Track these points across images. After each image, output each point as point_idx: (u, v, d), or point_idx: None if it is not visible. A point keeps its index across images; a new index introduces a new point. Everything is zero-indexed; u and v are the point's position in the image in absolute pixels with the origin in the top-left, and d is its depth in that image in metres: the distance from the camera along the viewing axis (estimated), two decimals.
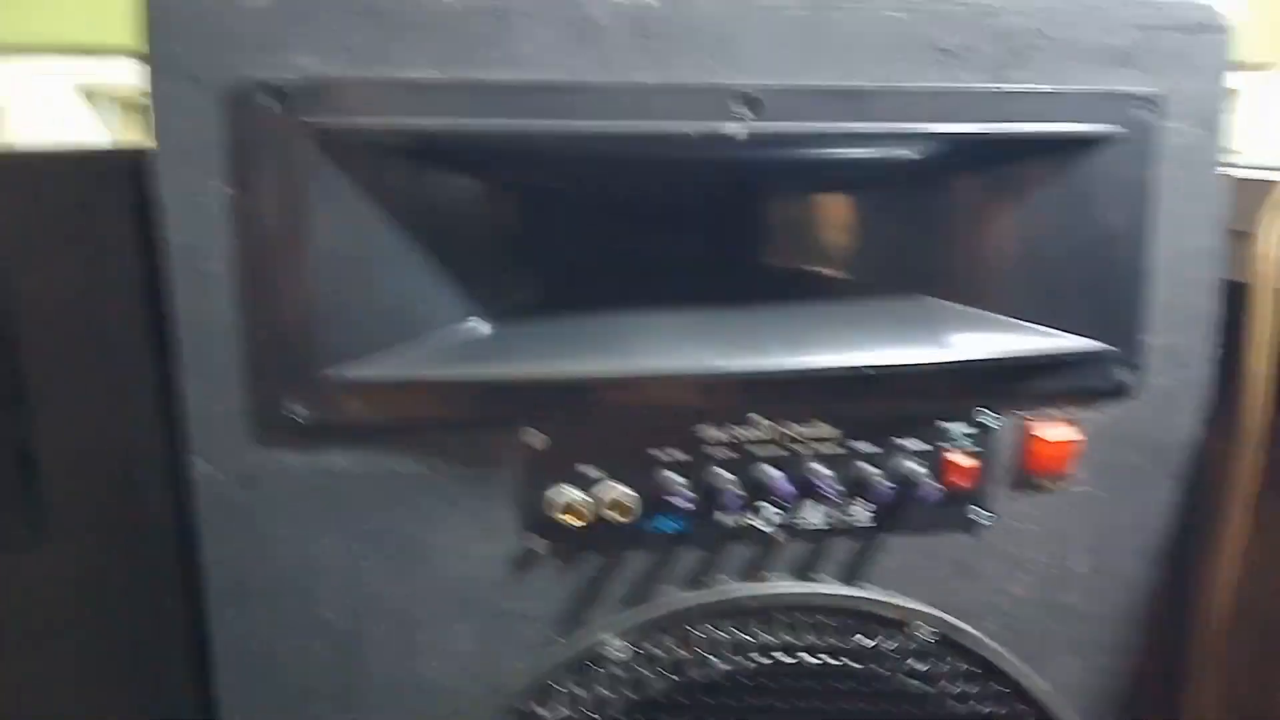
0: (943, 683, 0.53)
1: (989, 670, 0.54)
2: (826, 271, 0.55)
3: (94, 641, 0.50)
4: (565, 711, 0.48)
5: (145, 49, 0.40)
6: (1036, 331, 0.52)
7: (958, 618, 0.54)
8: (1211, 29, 0.51)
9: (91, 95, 0.89)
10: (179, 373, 0.43)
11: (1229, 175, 0.54)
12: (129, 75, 0.89)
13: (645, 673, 0.49)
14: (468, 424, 0.47)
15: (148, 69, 0.40)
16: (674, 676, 0.49)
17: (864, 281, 0.54)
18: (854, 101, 0.46)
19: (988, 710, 0.54)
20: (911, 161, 0.50)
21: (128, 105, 0.90)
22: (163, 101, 0.41)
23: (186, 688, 0.50)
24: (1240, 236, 0.57)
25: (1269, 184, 0.57)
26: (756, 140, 0.45)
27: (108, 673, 0.50)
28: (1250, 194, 0.57)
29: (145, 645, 0.50)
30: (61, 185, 0.44)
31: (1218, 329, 0.55)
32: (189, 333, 0.43)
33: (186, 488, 0.45)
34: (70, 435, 0.47)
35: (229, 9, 0.40)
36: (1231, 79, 0.52)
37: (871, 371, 0.49)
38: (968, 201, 0.53)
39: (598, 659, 0.49)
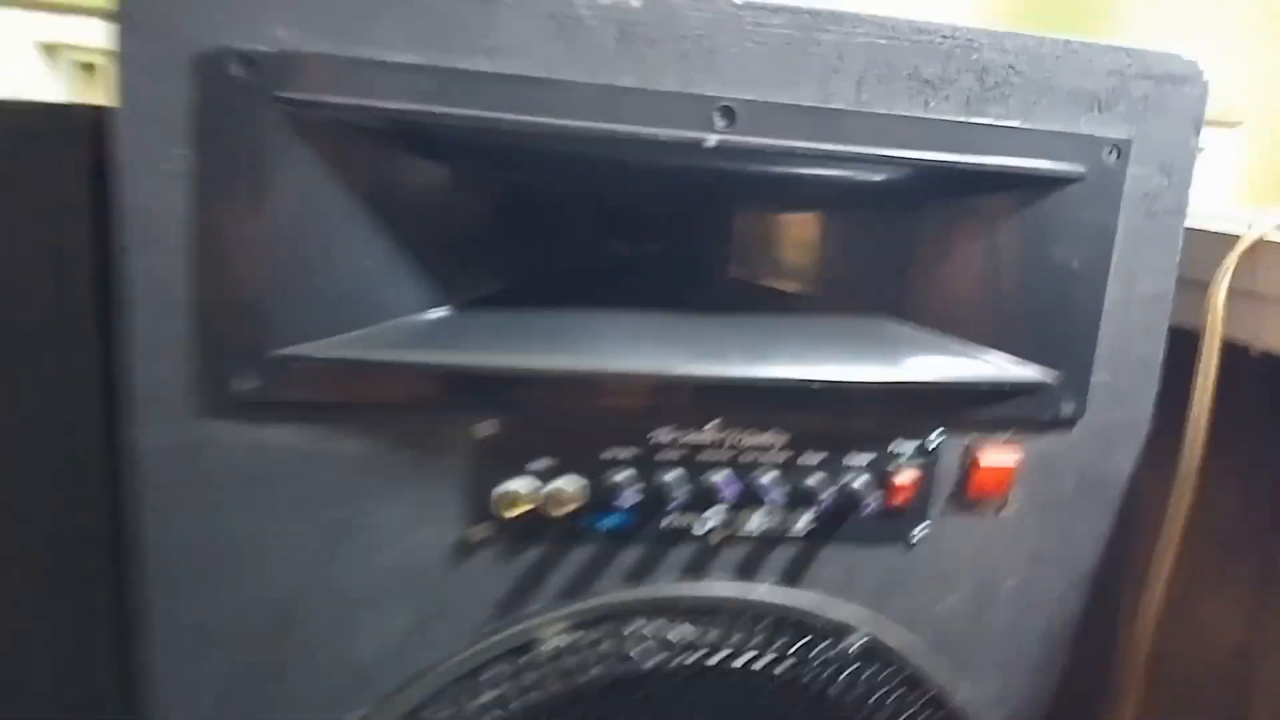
0: (868, 690, 0.55)
1: (913, 680, 0.56)
2: (789, 286, 0.55)
3: (22, 611, 0.50)
4: (494, 695, 0.49)
5: (115, 4, 0.39)
6: (987, 358, 0.53)
7: (887, 628, 0.55)
8: (1186, 80, 0.52)
9: (51, 52, 0.87)
10: (126, 340, 0.43)
11: (1189, 225, 0.55)
12: (91, 34, 0.87)
13: (576, 664, 0.50)
14: (419, 409, 0.47)
15: (116, 26, 0.39)
16: (604, 669, 0.50)
17: (825, 298, 0.55)
18: (829, 121, 0.46)
19: (910, 714, 0.56)
20: (881, 185, 0.51)
21: (87, 66, 0.87)
22: (130, 60, 0.40)
23: (112, 662, 0.50)
24: (1194, 285, 0.58)
25: (1226, 238, 0.58)
26: (729, 151, 0.45)
27: (35, 642, 0.50)
28: (1208, 246, 0.59)
29: (73, 617, 0.49)
30: (17, 139, 0.43)
31: (1162, 371, 0.56)
32: (139, 300, 0.42)
33: (124, 458, 0.44)
34: (7, 392, 0.46)
35: None
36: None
37: (819, 386, 0.49)
38: (933, 227, 0.53)
39: (532, 648, 0.50)
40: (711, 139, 0.44)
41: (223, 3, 0.40)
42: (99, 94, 0.88)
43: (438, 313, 0.47)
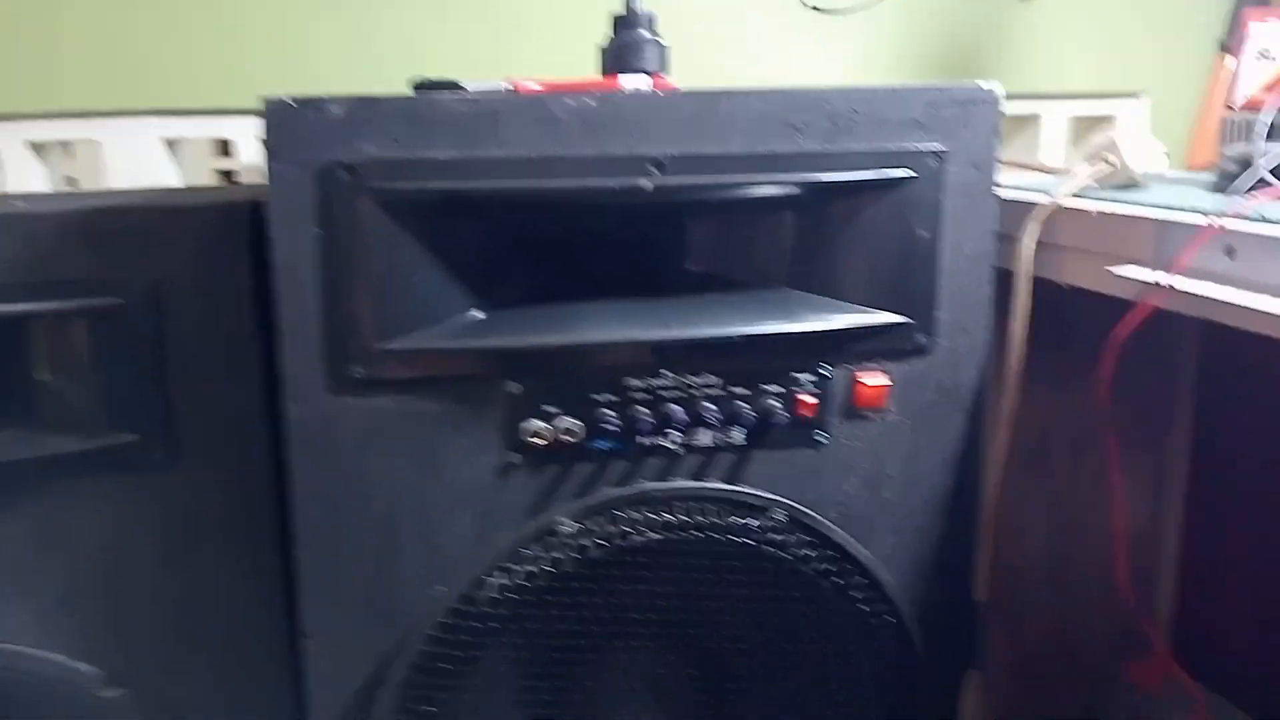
0: (795, 549, 0.77)
1: (826, 542, 0.76)
2: (715, 272, 0.77)
3: (209, 534, 0.72)
4: (532, 568, 0.72)
5: (265, 139, 0.61)
6: (860, 310, 0.74)
7: (805, 507, 0.76)
8: (984, 102, 0.73)
9: (171, 145, 1.09)
10: (280, 347, 0.65)
11: (1001, 198, 0.76)
12: (203, 130, 1.10)
13: (586, 542, 0.72)
14: (469, 378, 0.69)
15: (267, 154, 0.62)
16: (606, 545, 0.73)
17: (741, 279, 0.76)
18: (729, 162, 0.68)
19: (826, 569, 0.77)
20: (774, 198, 0.72)
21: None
22: (276, 173, 0.62)
23: (278, 560, 0.73)
24: (1011, 239, 0.80)
25: (1029, 204, 0.80)
26: (663, 190, 0.67)
27: (216, 553, 0.72)
28: (1018, 210, 0.80)
29: (247, 535, 0.72)
30: (203, 221, 0.65)
31: (993, 305, 0.76)
32: (288, 320, 0.65)
33: (281, 425, 0.67)
34: (198, 389, 0.69)
35: (318, 115, 0.62)
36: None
37: (740, 339, 0.71)
38: (814, 222, 0.74)
39: (555, 533, 0.72)
40: (648, 183, 0.67)
41: (331, 135, 0.62)
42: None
43: (476, 314, 0.70)
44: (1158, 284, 0.68)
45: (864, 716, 0.80)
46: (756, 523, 0.75)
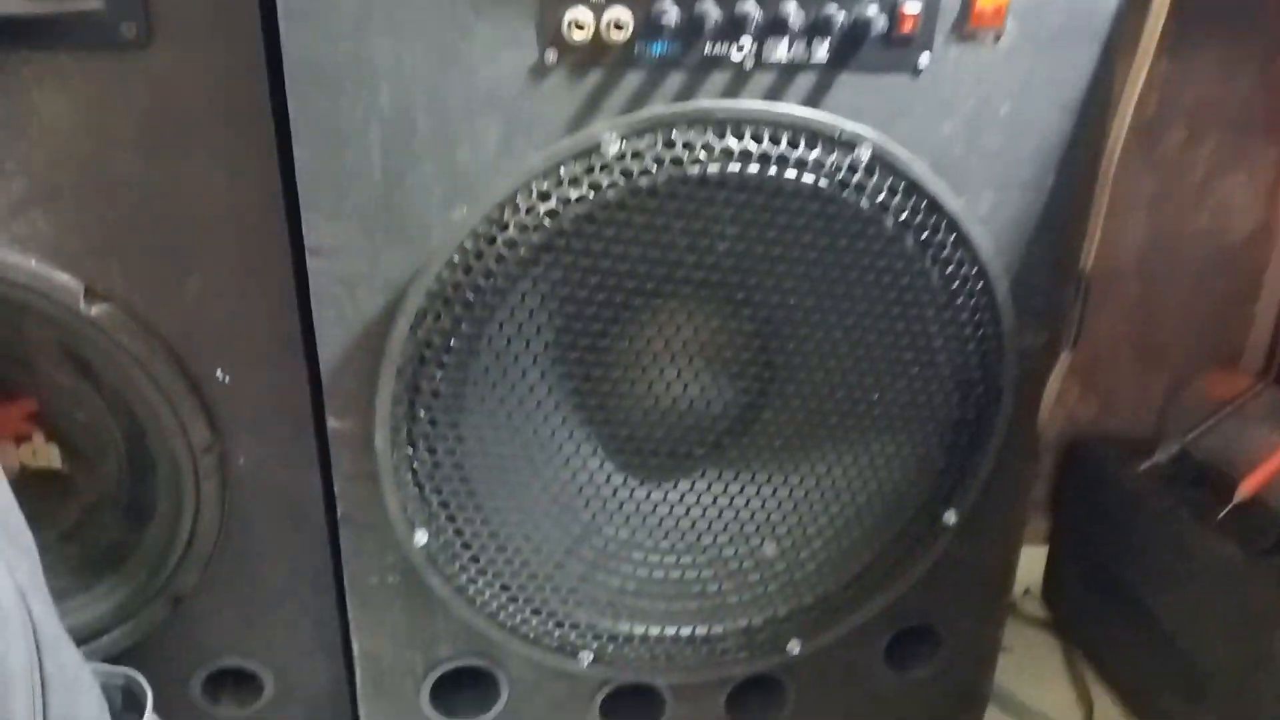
0: (876, 194, 0.64)
1: (915, 190, 0.65)
2: None
3: (195, 129, 0.61)
4: (569, 193, 0.61)
5: None
6: None
7: (894, 145, 0.64)
8: None
9: None
10: None
11: None
12: None
13: (633, 166, 0.61)
14: None
15: None
16: (655, 171, 0.61)
17: None
18: None
19: (911, 221, 0.65)
20: None
21: None
22: None
23: (277, 165, 0.62)
24: None
25: None
26: None
27: (205, 151, 0.62)
28: None
29: (240, 132, 0.61)
30: None
31: None
32: None
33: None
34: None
35: None
36: None
37: None
38: None
39: (597, 151, 0.61)
40: None
41: None
42: None
43: None
44: None
45: (936, 395, 0.72)
46: (835, 158, 0.63)
